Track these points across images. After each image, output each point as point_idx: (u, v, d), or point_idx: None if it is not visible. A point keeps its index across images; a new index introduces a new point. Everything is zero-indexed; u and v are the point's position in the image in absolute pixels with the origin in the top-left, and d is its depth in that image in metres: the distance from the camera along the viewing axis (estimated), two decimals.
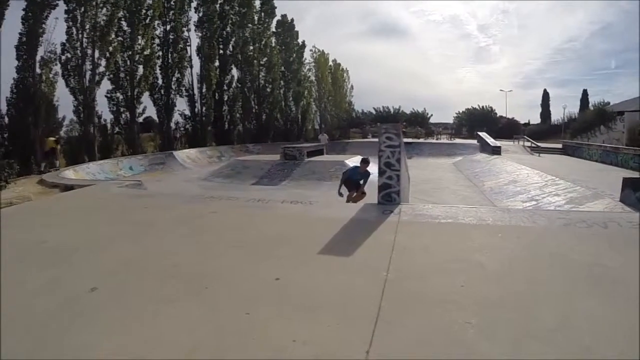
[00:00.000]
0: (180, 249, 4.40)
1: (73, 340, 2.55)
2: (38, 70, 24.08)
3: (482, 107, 66.04)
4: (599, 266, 3.48)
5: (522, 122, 63.82)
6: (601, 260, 3.60)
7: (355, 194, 10.16)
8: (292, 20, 43.77)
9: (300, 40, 44.81)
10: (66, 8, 25.18)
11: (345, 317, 2.72)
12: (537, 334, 2.47)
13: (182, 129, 33.69)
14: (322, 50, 49.66)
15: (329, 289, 3.15)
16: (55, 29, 24.61)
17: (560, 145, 32.39)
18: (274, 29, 41.82)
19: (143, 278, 3.59)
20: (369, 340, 2.40)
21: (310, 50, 47.92)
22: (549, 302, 2.88)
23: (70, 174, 15.59)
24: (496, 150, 25.67)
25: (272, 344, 2.42)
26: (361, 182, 10.34)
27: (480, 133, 34.13)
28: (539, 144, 31.38)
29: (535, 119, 68.83)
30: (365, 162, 10.60)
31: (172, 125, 32.72)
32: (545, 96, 70.04)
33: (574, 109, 58.20)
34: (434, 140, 41.73)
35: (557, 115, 63.56)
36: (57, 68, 25.02)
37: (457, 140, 41.63)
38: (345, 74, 55.18)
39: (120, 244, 4.59)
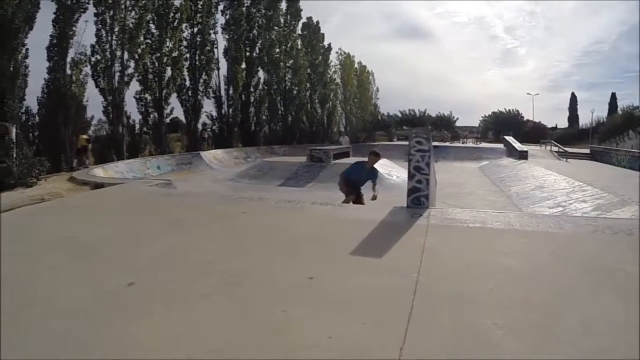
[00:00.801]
0: (213, 246, 4.49)
1: (113, 332, 2.64)
2: (68, 71, 24.67)
3: (509, 110, 65.50)
4: (622, 271, 3.52)
5: (549, 126, 63.07)
6: (624, 266, 3.64)
7: (353, 197, 8.54)
8: (318, 22, 44.01)
9: (326, 43, 44.95)
10: (95, 11, 25.85)
11: (379, 316, 2.78)
12: (561, 335, 2.52)
13: (209, 130, 34.11)
14: (348, 53, 49.80)
15: (362, 289, 3.21)
16: (85, 32, 25.22)
17: (588, 151, 31.92)
18: (299, 32, 42.13)
19: (178, 274, 3.68)
20: (403, 338, 2.46)
21: (336, 52, 48.16)
22: (574, 305, 2.92)
23: (100, 172, 15.92)
24: (523, 155, 25.44)
25: (309, 340, 2.48)
26: (371, 181, 8.51)
27: (506, 137, 33.85)
28: (566, 148, 30.98)
29: (563, 123, 67.96)
30: (375, 155, 8.82)
31: (199, 126, 33.15)
32: (573, 99, 69.14)
33: (602, 112, 57.38)
34: (460, 144, 41.49)
35: (585, 119, 62.33)
36: (87, 69, 25.62)
37: (483, 144, 41.33)
38: (370, 77, 55.19)
39: (153, 241, 4.70)
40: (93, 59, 26.00)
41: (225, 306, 3.02)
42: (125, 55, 27.26)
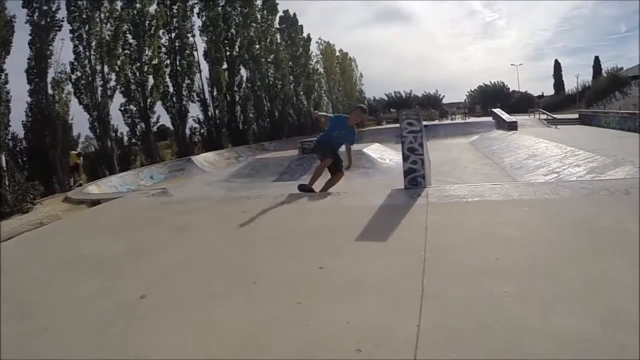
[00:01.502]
0: (221, 248, 4.54)
1: (133, 343, 2.71)
2: (50, 92, 24.57)
3: (494, 83, 65.70)
4: (621, 231, 3.57)
5: (535, 95, 63.23)
6: (624, 225, 3.71)
7: (330, 161, 7.54)
8: (295, 14, 43.86)
9: (305, 34, 44.86)
10: (71, 28, 25.71)
11: (392, 297, 2.85)
12: (568, 296, 2.61)
13: (198, 133, 34.07)
14: (328, 42, 49.79)
15: (373, 273, 3.27)
16: (63, 49, 25.12)
17: (576, 116, 32.04)
18: (277, 26, 41.92)
19: (190, 279, 3.72)
20: (418, 314, 2.53)
21: (317, 42, 48.20)
22: (578, 267, 2.99)
23: (94, 189, 15.78)
24: (512, 126, 25.54)
25: (328, 328, 2.55)
26: (348, 143, 7.78)
27: (494, 110, 33.98)
28: (554, 115, 31.13)
29: (549, 90, 68.19)
30: (362, 110, 8.28)
31: (188, 131, 33.08)
32: (557, 66, 69.14)
33: (587, 77, 57.28)
34: (449, 121, 41.56)
35: (570, 85, 62.56)
36: (69, 87, 25.51)
37: (472, 119, 41.38)
38: (353, 63, 55.23)
39: (160, 250, 4.74)
40: (74, 76, 25.88)
41: (243, 304, 3.07)
42: (106, 69, 27.12)
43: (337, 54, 52.03)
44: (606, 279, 2.77)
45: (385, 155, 16.99)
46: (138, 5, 29.02)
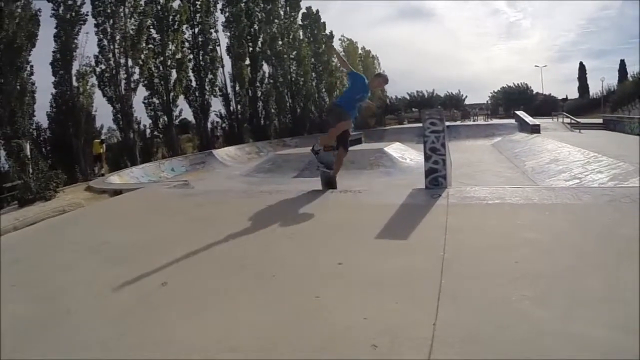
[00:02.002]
0: (242, 241, 4.55)
1: (152, 329, 2.77)
2: (75, 84, 25.05)
3: (518, 84, 64.76)
4: None
5: (559, 97, 62.30)
6: None
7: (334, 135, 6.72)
8: (318, 11, 43.81)
9: (328, 31, 44.81)
10: (95, 22, 26.27)
11: (410, 295, 2.85)
12: (586, 302, 2.58)
13: (219, 128, 34.32)
14: (351, 39, 49.65)
15: (391, 270, 3.29)
16: (88, 43, 25.77)
17: (600, 120, 31.58)
18: (300, 22, 41.95)
19: (211, 270, 3.78)
20: (435, 313, 2.54)
21: (339, 39, 48.04)
22: (598, 274, 2.96)
23: (116, 179, 16.08)
24: (535, 129, 25.25)
25: (345, 322, 2.57)
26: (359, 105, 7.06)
27: (517, 112, 33.60)
28: (578, 119, 30.69)
29: (573, 93, 66.90)
30: (385, 80, 7.60)
31: (209, 125, 33.38)
32: (582, 69, 67.75)
33: (612, 80, 56.21)
34: (471, 122, 41.23)
35: (595, 88, 61.47)
36: (93, 80, 26.04)
37: (494, 121, 40.97)
38: (375, 61, 54.99)
39: (181, 241, 4.77)
40: (98, 69, 26.46)
41: (262, 297, 3.10)
42: (130, 62, 27.53)
43: (360, 51, 51.88)
44: (625, 286, 2.74)
45: (406, 154, 16.94)
46: (162, 1, 29.45)
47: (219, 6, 34.23)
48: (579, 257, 3.29)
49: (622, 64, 60.94)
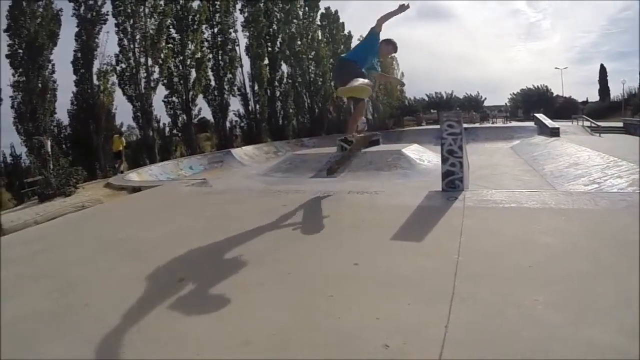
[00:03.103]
0: (258, 239, 4.60)
1: (168, 324, 2.82)
2: (96, 82, 25.46)
3: (537, 86, 63.99)
4: None
5: (579, 100, 61.47)
6: None
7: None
8: (337, 11, 43.78)
9: (346, 32, 44.78)
10: (116, 22, 26.74)
11: (422, 297, 2.88)
12: (600, 308, 2.58)
13: (238, 127, 34.56)
14: None
15: (406, 272, 3.31)
16: (108, 42, 26.16)
17: (620, 124, 31.06)
18: (319, 22, 41.98)
19: (227, 267, 3.81)
20: (447, 316, 2.56)
21: (358, 40, 47.89)
22: (612, 280, 2.96)
23: (134, 176, 16.29)
24: (555, 132, 24.92)
25: (357, 322, 2.61)
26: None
27: (537, 114, 33.23)
28: (598, 123, 30.24)
29: (594, 96, 65.76)
30: (395, 47, 6.79)
31: (228, 124, 33.62)
32: (603, 71, 66.32)
33: (633, 83, 55.05)
34: (490, 125, 40.88)
35: (616, 91, 60.46)
36: (114, 78, 26.43)
37: (513, 123, 40.56)
38: (394, 62, 54.72)
39: (199, 238, 4.83)
40: (118, 67, 26.83)
41: (278, 294, 3.16)
42: (149, 61, 27.89)
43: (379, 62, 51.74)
44: (638, 293, 2.74)
45: (424, 156, 16.87)
46: (181, 1, 29.75)
47: (238, 6, 34.53)
48: (593, 263, 3.28)
49: None
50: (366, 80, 5.55)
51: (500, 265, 3.32)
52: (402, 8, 5.88)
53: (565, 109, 51.54)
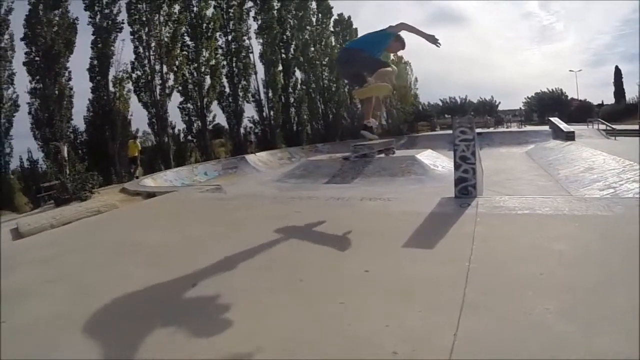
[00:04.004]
0: (271, 245, 4.64)
1: (181, 328, 2.85)
2: (112, 89, 25.82)
3: (552, 90, 63.43)
4: None
5: (595, 103, 60.74)
6: None
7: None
8: (350, 17, 43.98)
9: None
10: (131, 30, 27.10)
11: (432, 304, 2.89)
12: (612, 317, 2.56)
13: (252, 133, 34.75)
14: None
15: (416, 279, 3.33)
16: (124, 50, 26.47)
17: (636, 127, 30.64)
18: (332, 29, 42.20)
19: (240, 273, 3.86)
20: (456, 323, 2.57)
21: None
22: (624, 288, 2.92)
23: (150, 182, 16.39)
24: (570, 136, 24.67)
25: (367, 328, 2.63)
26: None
27: (551, 118, 32.95)
28: (614, 126, 29.92)
29: (609, 98, 64.82)
30: (403, 45, 6.00)
31: (242, 130, 33.82)
32: (618, 73, 65.16)
33: None
34: (504, 129, 40.60)
35: (632, 93, 59.62)
36: (129, 85, 26.78)
37: (528, 128, 40.23)
38: (408, 67, 54.66)
39: (213, 243, 4.92)
40: (134, 75, 27.10)
41: (289, 300, 3.19)
42: (164, 69, 28.18)
43: (392, 57, 51.68)
44: None
45: (438, 162, 16.79)
46: (195, 9, 30.03)
47: (252, 14, 34.65)
48: (605, 270, 3.27)
49: None
50: (383, 70, 5.27)
51: (512, 273, 3.32)
52: (433, 40, 5.35)
53: (581, 112, 50.98)
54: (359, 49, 5.66)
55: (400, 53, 6.61)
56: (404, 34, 5.63)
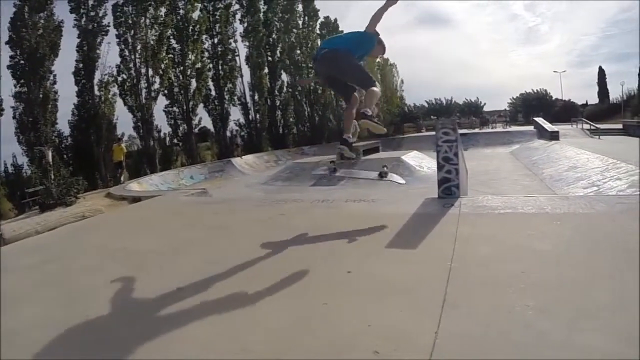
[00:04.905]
0: (256, 249, 4.61)
1: (167, 331, 2.85)
2: (97, 93, 25.67)
3: (537, 90, 64.12)
4: None
5: (579, 103, 61.52)
6: None
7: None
8: (336, 20, 44.11)
9: None
10: (117, 33, 26.98)
11: (414, 303, 2.92)
12: (592, 313, 2.59)
13: (238, 136, 34.71)
14: None
15: (398, 279, 3.35)
16: (109, 53, 26.36)
17: (620, 126, 31.14)
18: (318, 31, 42.24)
19: (225, 276, 3.85)
20: (437, 321, 2.60)
21: None
22: (605, 285, 2.97)
23: (135, 186, 16.34)
24: (554, 136, 25.01)
25: (350, 328, 2.66)
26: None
27: (536, 119, 33.29)
28: (598, 125, 30.32)
29: (593, 98, 65.82)
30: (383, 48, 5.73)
31: (228, 133, 33.77)
32: (601, 74, 66.35)
33: (633, 84, 54.81)
34: (490, 130, 40.95)
35: (615, 93, 60.45)
36: (115, 89, 26.65)
37: (513, 128, 40.66)
38: (394, 69, 54.92)
39: (198, 248, 4.91)
40: (119, 78, 26.98)
41: (272, 303, 3.19)
42: (150, 72, 28.10)
43: (378, 59, 51.88)
44: (632, 298, 2.74)
45: (423, 163, 16.89)
46: (182, 12, 29.95)
47: (238, 16, 34.75)
48: (586, 267, 3.30)
49: None
50: (373, 92, 4.89)
51: (493, 272, 3.34)
52: (390, 2, 5.08)
53: (565, 112, 51.60)
54: (347, 48, 5.05)
55: (386, 56, 6.51)
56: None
